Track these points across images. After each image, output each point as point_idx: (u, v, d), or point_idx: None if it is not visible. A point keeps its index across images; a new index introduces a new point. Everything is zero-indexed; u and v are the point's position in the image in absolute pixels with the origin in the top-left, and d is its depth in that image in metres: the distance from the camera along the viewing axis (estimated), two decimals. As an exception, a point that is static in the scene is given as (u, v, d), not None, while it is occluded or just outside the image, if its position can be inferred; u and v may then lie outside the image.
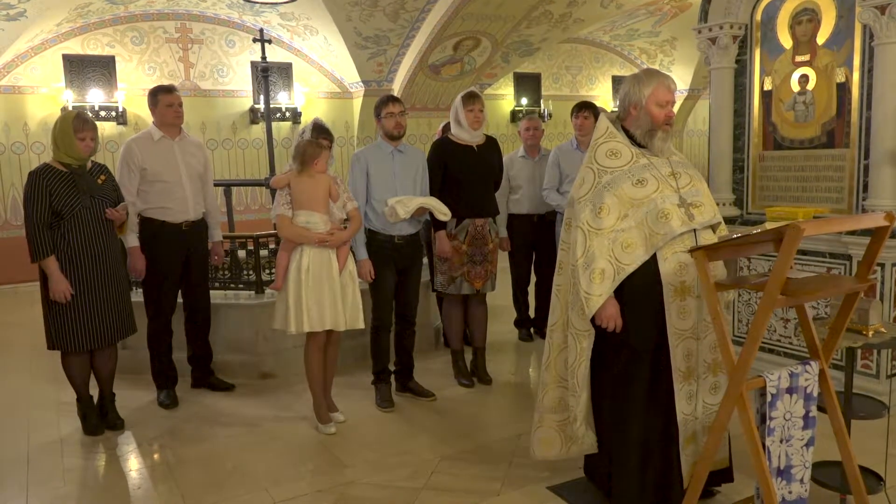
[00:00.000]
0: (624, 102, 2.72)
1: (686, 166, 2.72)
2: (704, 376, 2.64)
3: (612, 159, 2.62)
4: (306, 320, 3.52)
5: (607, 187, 2.57)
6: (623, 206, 2.55)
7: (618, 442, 2.69)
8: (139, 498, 3.11)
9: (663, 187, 2.58)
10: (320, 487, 3.10)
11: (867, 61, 3.76)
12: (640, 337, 2.60)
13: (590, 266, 2.54)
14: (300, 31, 9.41)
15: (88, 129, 3.60)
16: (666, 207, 2.53)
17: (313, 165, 3.56)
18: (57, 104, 8.48)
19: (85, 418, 3.81)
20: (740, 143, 4.46)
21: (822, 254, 3.98)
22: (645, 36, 12.05)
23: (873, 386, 3.71)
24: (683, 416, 2.62)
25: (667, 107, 2.63)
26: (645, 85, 2.64)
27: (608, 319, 2.57)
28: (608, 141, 2.67)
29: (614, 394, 2.68)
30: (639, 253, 2.53)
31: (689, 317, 2.58)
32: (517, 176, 5.18)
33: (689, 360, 2.60)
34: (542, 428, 2.92)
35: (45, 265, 3.51)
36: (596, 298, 2.53)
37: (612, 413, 2.70)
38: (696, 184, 2.67)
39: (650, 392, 2.63)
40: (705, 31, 4.45)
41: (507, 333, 5.53)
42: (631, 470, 2.66)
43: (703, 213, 2.60)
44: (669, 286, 2.55)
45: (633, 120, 2.68)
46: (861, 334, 2.53)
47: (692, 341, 2.60)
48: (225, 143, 9.67)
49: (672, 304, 2.56)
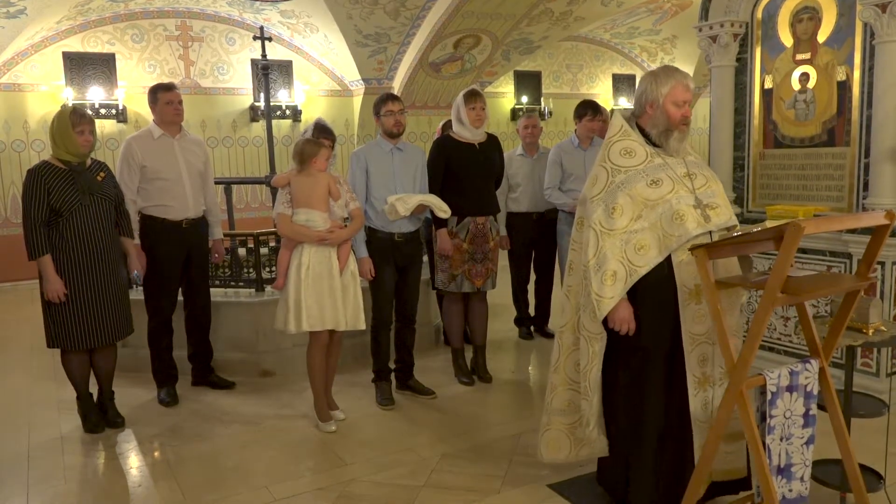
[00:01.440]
0: (640, 100, 2.64)
1: (701, 167, 2.66)
2: (721, 382, 2.59)
3: (626, 158, 2.56)
4: (305, 319, 3.52)
5: (621, 187, 2.51)
6: (637, 206, 2.49)
7: (634, 444, 2.64)
8: (139, 496, 3.11)
9: (678, 188, 2.52)
10: (321, 485, 3.11)
11: (868, 59, 3.75)
12: (655, 339, 2.54)
13: (601, 267, 2.48)
14: (300, 28, 9.41)
15: (86, 123, 3.59)
16: (681, 208, 2.47)
17: (312, 164, 3.57)
18: (57, 102, 8.48)
19: (85, 416, 3.81)
20: (741, 141, 4.46)
21: (823, 252, 3.98)
22: (645, 34, 12.04)
23: (873, 384, 3.71)
24: (699, 423, 2.56)
25: (684, 106, 2.56)
26: (662, 83, 2.56)
27: (621, 322, 2.51)
28: (623, 139, 2.61)
29: (629, 395, 2.62)
30: (652, 255, 2.47)
31: (705, 321, 2.52)
32: (516, 174, 5.18)
33: (705, 366, 2.56)
34: (550, 430, 2.87)
35: (41, 264, 3.50)
36: (608, 301, 2.47)
37: (628, 415, 2.64)
38: (712, 185, 2.61)
39: (665, 395, 2.58)
40: (706, 29, 4.45)
41: (508, 332, 5.54)
42: (647, 471, 2.62)
43: (719, 214, 2.54)
44: (684, 289, 2.50)
45: (650, 119, 2.61)
46: (861, 332, 2.53)
47: (708, 346, 2.55)
48: (225, 141, 9.66)
49: (687, 307, 2.51)
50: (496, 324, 5.38)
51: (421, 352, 4.61)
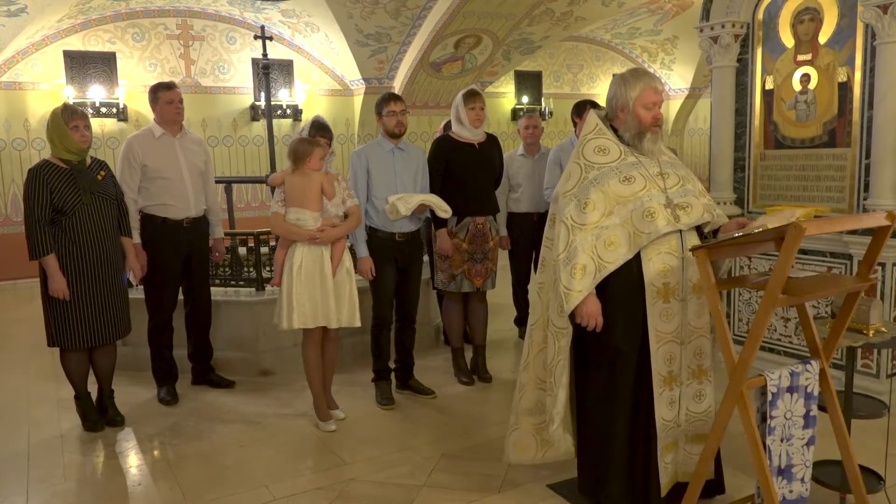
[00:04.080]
0: (611, 104, 2.68)
1: (675, 166, 2.68)
2: (688, 382, 2.60)
3: (599, 155, 2.59)
4: (297, 316, 3.54)
5: (594, 183, 2.54)
6: (609, 202, 2.52)
7: (605, 444, 2.63)
8: (139, 494, 3.11)
9: (650, 186, 2.54)
10: (320, 485, 3.11)
11: (869, 60, 3.75)
12: (624, 338, 2.55)
13: (571, 261, 2.50)
14: (301, 28, 9.40)
15: (79, 118, 3.59)
16: (652, 206, 2.49)
17: (306, 163, 3.57)
18: (58, 100, 8.46)
19: (84, 415, 3.81)
20: (741, 142, 4.46)
21: (823, 253, 3.98)
22: (646, 34, 12.04)
23: (873, 385, 3.71)
24: (664, 421, 2.56)
25: (654, 108, 2.59)
26: (631, 87, 2.59)
27: (588, 317, 2.52)
28: (597, 137, 2.64)
29: (600, 395, 2.63)
30: (622, 251, 2.49)
31: (672, 320, 2.54)
32: (516, 174, 5.18)
33: (671, 365, 2.56)
34: (517, 430, 2.88)
35: (45, 263, 3.51)
36: (576, 294, 2.48)
37: (599, 415, 2.64)
38: (686, 184, 2.63)
39: (635, 394, 2.58)
40: (707, 30, 4.45)
41: (508, 331, 5.54)
42: (619, 471, 2.62)
43: (689, 214, 2.55)
44: (652, 287, 2.52)
45: (622, 122, 2.64)
46: (861, 334, 2.53)
47: (675, 345, 2.56)
48: (225, 141, 9.66)
49: (654, 305, 2.52)
50: (496, 323, 5.38)
51: (421, 351, 4.61)
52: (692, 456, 2.65)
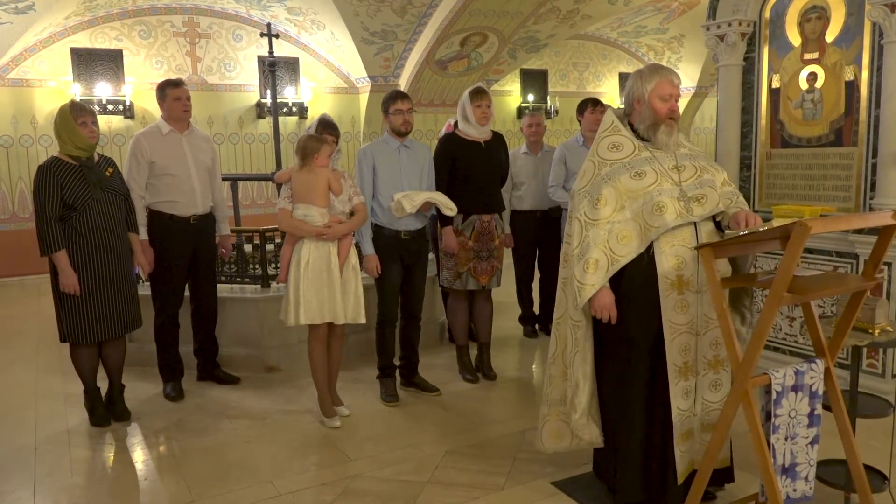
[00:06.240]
0: (628, 98, 2.73)
1: (694, 158, 2.69)
2: (704, 373, 2.63)
3: (613, 152, 2.64)
4: (303, 313, 3.55)
5: (606, 179, 2.59)
6: (620, 197, 2.56)
7: (621, 435, 2.70)
8: (146, 489, 3.13)
9: (662, 180, 2.57)
10: (325, 481, 3.12)
11: (876, 59, 3.74)
12: (640, 330, 2.60)
13: (584, 256, 2.56)
14: (307, 25, 9.42)
15: (87, 114, 3.62)
16: (662, 200, 2.52)
17: (314, 160, 3.59)
18: (65, 98, 8.49)
19: (92, 410, 3.84)
20: (748, 140, 4.45)
21: (829, 252, 3.97)
22: (652, 33, 12.01)
23: (879, 385, 3.70)
24: (679, 411, 2.59)
25: (670, 100, 2.63)
26: (647, 80, 2.64)
27: (602, 310, 2.58)
28: (612, 135, 2.69)
29: (618, 387, 2.69)
30: (634, 245, 2.54)
31: (687, 311, 2.57)
32: (520, 172, 5.18)
33: (686, 356, 2.59)
34: (550, 421, 2.92)
35: (56, 259, 3.54)
36: (589, 288, 2.55)
37: (616, 406, 2.71)
38: (704, 174, 2.64)
39: (651, 386, 2.63)
40: (714, 28, 4.44)
41: (512, 329, 5.54)
42: (633, 463, 2.66)
43: (703, 206, 2.58)
44: (665, 279, 2.55)
45: (637, 115, 2.68)
46: (867, 333, 2.53)
47: (690, 336, 2.59)
48: (231, 138, 9.68)
49: (668, 297, 2.55)
50: (501, 321, 5.39)
51: (426, 349, 4.61)
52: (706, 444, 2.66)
